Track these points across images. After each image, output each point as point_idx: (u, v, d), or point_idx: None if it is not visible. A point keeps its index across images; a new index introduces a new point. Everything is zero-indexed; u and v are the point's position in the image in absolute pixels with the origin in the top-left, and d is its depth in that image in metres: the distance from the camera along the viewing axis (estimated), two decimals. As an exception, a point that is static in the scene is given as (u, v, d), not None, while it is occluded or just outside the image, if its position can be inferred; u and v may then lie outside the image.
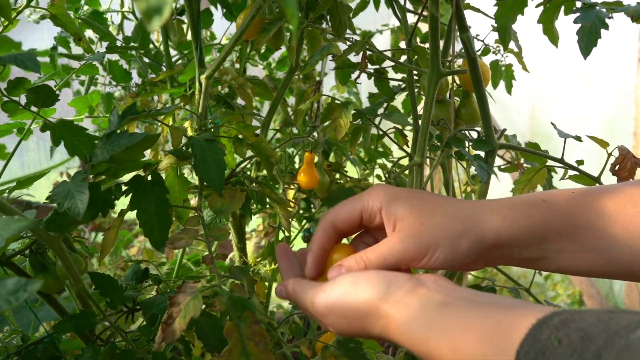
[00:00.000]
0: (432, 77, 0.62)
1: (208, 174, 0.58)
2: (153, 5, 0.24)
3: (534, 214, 0.51)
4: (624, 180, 0.68)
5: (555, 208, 0.51)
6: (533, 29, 0.79)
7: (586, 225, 0.50)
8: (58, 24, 0.83)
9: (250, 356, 0.49)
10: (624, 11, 0.70)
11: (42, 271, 0.63)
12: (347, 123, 0.72)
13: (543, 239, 0.51)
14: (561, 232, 0.50)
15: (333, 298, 0.48)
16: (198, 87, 0.66)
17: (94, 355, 0.61)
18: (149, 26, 0.24)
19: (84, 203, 0.47)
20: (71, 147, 0.55)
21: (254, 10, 0.57)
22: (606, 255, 0.49)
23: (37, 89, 0.50)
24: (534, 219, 0.51)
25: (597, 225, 0.50)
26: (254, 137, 0.68)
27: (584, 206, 0.51)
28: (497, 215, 0.51)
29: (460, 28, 0.62)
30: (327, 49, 0.63)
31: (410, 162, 0.66)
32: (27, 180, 0.60)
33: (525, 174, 0.74)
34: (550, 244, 0.51)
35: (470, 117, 0.74)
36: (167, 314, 0.49)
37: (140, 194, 0.55)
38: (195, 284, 0.52)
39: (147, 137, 0.50)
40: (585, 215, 0.50)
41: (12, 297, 0.36)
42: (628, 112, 1.98)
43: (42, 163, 1.77)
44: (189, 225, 0.56)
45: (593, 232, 0.50)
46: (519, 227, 0.51)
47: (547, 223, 0.51)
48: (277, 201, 0.68)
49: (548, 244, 0.51)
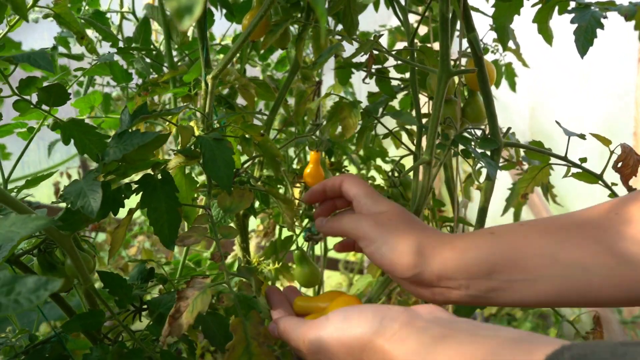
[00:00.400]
0: (442, 77, 0.62)
1: (217, 172, 0.58)
2: (184, 4, 0.24)
3: (482, 245, 0.52)
4: (627, 178, 0.69)
5: (502, 239, 0.52)
6: (532, 29, 0.80)
7: (534, 254, 0.50)
8: (62, 23, 0.84)
9: (253, 356, 0.49)
10: (617, 10, 0.71)
11: (50, 270, 0.64)
12: (355, 122, 0.73)
13: (492, 270, 0.51)
14: (510, 263, 0.51)
15: (325, 335, 0.47)
16: (204, 87, 0.66)
17: (102, 354, 0.62)
18: (180, 25, 0.25)
19: (97, 201, 0.47)
20: (81, 146, 0.55)
21: (262, 11, 0.57)
22: (557, 283, 0.49)
23: (48, 88, 0.51)
24: (481, 250, 0.52)
25: (545, 254, 0.50)
26: (260, 137, 0.68)
27: (530, 236, 0.51)
28: (449, 244, 0.53)
29: (467, 28, 0.63)
30: (335, 48, 0.63)
31: (418, 161, 0.67)
32: (34, 180, 0.60)
33: (529, 172, 0.75)
34: (500, 275, 0.51)
35: (476, 116, 0.75)
36: (175, 308, 0.49)
37: (151, 193, 0.55)
38: (204, 280, 0.52)
39: (158, 137, 0.51)
40: (532, 246, 0.51)
41: (32, 295, 0.36)
42: (628, 112, 1.99)
43: (42, 163, 1.76)
44: (198, 224, 0.57)
45: (542, 261, 0.50)
46: (467, 257, 0.52)
47: (495, 253, 0.51)
48: (283, 200, 0.68)
49: (498, 275, 0.51)
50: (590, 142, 0.79)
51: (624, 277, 0.47)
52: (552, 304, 0.51)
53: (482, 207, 0.68)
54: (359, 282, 0.96)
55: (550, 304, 0.52)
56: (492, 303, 0.53)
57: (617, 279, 0.48)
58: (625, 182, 0.69)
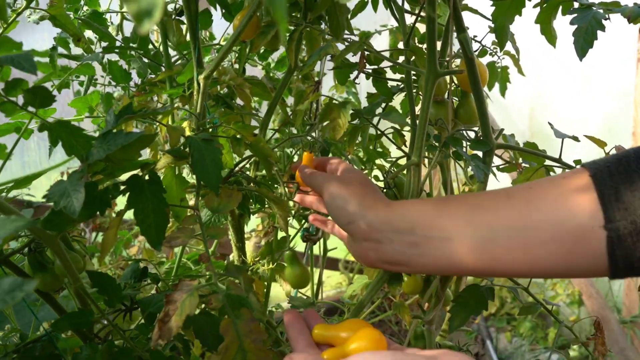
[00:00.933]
0: (430, 77, 0.62)
1: (205, 173, 0.58)
2: (144, 7, 0.24)
3: (410, 206, 0.60)
4: None
5: (428, 203, 0.60)
6: (533, 29, 0.79)
7: (450, 215, 0.56)
8: (57, 25, 0.84)
9: (247, 353, 0.49)
10: (621, 12, 0.70)
11: (40, 270, 0.64)
12: (345, 123, 0.73)
13: (414, 226, 0.57)
14: (429, 222, 0.57)
15: None
16: (196, 87, 0.66)
17: (91, 353, 0.62)
18: (139, 28, 0.25)
19: (80, 202, 0.47)
20: (69, 147, 0.55)
21: (250, 12, 0.57)
22: (468, 244, 0.54)
23: (34, 89, 0.51)
24: (408, 210, 0.59)
25: (460, 216, 0.55)
26: (252, 137, 0.68)
27: (454, 202, 0.58)
28: (385, 203, 0.61)
29: (458, 28, 0.62)
30: (325, 49, 0.63)
31: (407, 162, 0.67)
32: (24, 179, 0.60)
33: (524, 173, 0.75)
34: (420, 230, 0.57)
35: (469, 118, 0.74)
36: (164, 312, 0.49)
37: (138, 193, 0.55)
38: (192, 282, 0.52)
39: (143, 137, 0.50)
40: (451, 209, 0.57)
41: (8, 296, 0.36)
42: (628, 112, 1.98)
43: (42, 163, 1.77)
44: (185, 224, 0.56)
45: (457, 222, 0.55)
46: (395, 213, 0.59)
47: (420, 213, 0.58)
48: (274, 201, 0.68)
49: (418, 230, 0.57)
50: (589, 143, 0.78)
51: (526, 240, 0.52)
52: (465, 269, 0.56)
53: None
54: (356, 283, 0.96)
55: (463, 270, 0.56)
56: (412, 266, 0.58)
57: (521, 243, 0.52)
58: None
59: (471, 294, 0.73)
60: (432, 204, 0.59)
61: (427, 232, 0.56)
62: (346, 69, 0.88)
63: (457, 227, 0.55)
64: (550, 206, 0.51)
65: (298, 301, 0.80)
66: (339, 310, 1.17)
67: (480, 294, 0.73)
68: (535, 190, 0.53)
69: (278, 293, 1.45)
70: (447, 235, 0.55)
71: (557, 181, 0.53)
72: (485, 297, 0.73)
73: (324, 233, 1.12)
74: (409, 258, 0.58)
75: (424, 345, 0.78)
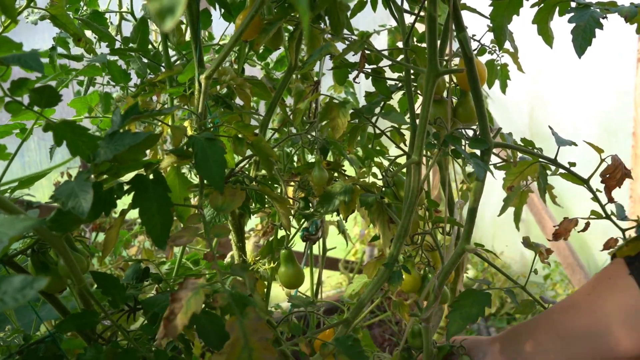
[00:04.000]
0: (430, 76, 0.62)
1: (209, 172, 0.58)
2: (166, 5, 0.24)
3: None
4: (611, 189, 0.70)
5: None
6: (533, 29, 0.80)
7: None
8: (57, 25, 0.84)
9: (253, 351, 0.50)
10: (617, 12, 0.71)
11: (43, 271, 0.64)
12: (344, 122, 0.73)
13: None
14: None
15: None
16: (198, 87, 0.67)
17: (96, 354, 0.62)
18: (161, 26, 0.25)
19: (88, 202, 0.47)
20: (74, 148, 0.55)
21: (252, 11, 0.57)
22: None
23: (40, 89, 0.51)
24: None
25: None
26: (253, 137, 0.68)
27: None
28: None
29: (458, 27, 0.62)
30: (326, 48, 0.63)
31: (407, 161, 0.67)
32: (28, 180, 0.60)
33: (518, 167, 0.75)
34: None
35: (468, 116, 0.75)
36: (169, 310, 0.49)
37: (143, 193, 0.55)
38: (197, 280, 0.52)
39: (150, 137, 0.51)
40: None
41: (19, 294, 0.37)
42: (628, 112, 1.99)
43: (42, 163, 1.77)
44: (190, 223, 0.57)
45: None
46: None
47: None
48: (276, 199, 0.68)
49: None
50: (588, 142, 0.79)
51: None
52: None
53: (472, 208, 0.68)
54: (355, 282, 0.96)
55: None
56: None
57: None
58: (608, 193, 0.71)
59: (469, 299, 0.73)
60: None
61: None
62: (344, 69, 0.88)
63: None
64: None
65: (298, 301, 0.80)
66: (338, 310, 1.17)
67: (477, 299, 0.73)
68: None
69: (278, 293, 1.45)
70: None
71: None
72: (483, 302, 0.72)
73: (324, 233, 1.13)
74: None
75: (421, 343, 0.78)
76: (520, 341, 0.74)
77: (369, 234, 2.54)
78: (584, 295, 0.70)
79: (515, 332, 0.77)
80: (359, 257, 2.67)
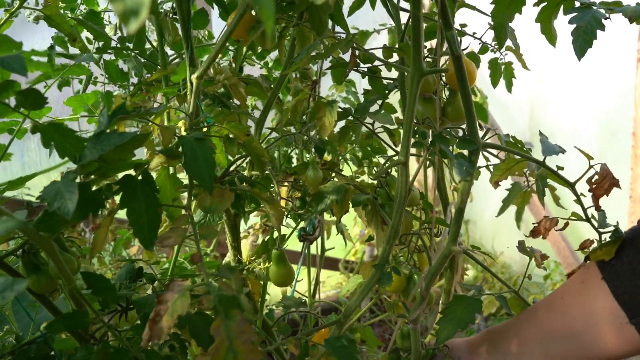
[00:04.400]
0: (415, 76, 0.62)
1: (198, 172, 0.58)
2: (130, 6, 0.24)
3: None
4: (598, 197, 0.70)
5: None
6: (534, 28, 0.79)
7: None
8: (52, 25, 0.84)
9: (238, 354, 0.49)
10: (622, 12, 0.69)
11: (34, 271, 0.64)
12: (331, 122, 0.73)
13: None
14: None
15: None
16: (189, 87, 0.66)
17: (87, 354, 0.62)
18: (126, 28, 0.25)
19: (74, 202, 0.47)
20: (62, 149, 0.55)
21: (241, 10, 0.57)
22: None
23: (25, 92, 0.51)
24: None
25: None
26: (245, 137, 0.68)
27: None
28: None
29: (445, 26, 0.62)
30: (313, 47, 0.63)
31: (393, 161, 0.67)
32: (18, 180, 0.60)
33: (506, 163, 0.75)
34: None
35: (457, 115, 0.74)
36: (155, 312, 0.49)
37: (131, 194, 0.55)
38: (184, 282, 0.52)
39: (136, 137, 0.50)
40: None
41: (-2, 296, 0.37)
42: (628, 112, 1.98)
43: (42, 164, 1.77)
44: (178, 224, 0.56)
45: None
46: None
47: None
48: (267, 201, 0.68)
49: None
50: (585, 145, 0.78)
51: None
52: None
53: (459, 209, 0.67)
54: (350, 282, 0.96)
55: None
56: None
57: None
58: (595, 201, 0.70)
59: (460, 305, 0.72)
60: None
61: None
62: (342, 69, 0.88)
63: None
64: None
65: (290, 301, 0.80)
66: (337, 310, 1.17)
67: (469, 305, 0.72)
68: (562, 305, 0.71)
69: (277, 292, 1.45)
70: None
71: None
72: (473, 308, 0.72)
73: (321, 232, 1.12)
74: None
75: (409, 345, 0.78)
76: (497, 342, 0.76)
77: (369, 234, 2.54)
78: (558, 298, 0.72)
79: (492, 333, 0.78)
80: (359, 257, 2.66)
